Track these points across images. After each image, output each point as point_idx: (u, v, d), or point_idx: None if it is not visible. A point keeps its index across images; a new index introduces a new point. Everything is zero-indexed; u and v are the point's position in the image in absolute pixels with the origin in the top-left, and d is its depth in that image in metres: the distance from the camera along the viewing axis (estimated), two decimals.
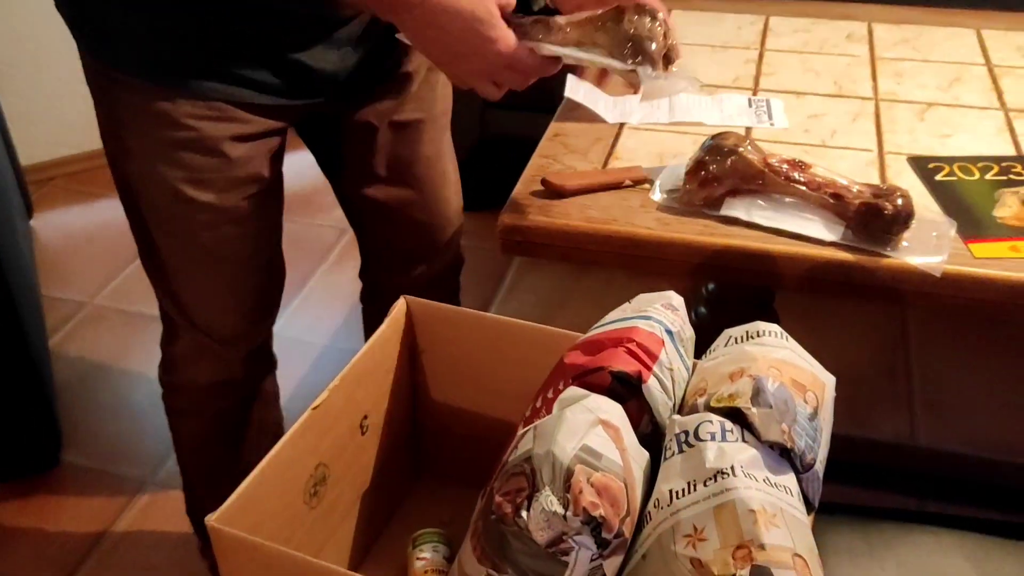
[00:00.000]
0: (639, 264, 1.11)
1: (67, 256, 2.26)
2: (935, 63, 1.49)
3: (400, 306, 0.99)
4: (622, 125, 1.32)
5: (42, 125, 2.37)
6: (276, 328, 2.06)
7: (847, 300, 1.17)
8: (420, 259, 1.35)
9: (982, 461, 1.68)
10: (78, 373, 1.93)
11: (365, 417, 0.96)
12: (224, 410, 1.32)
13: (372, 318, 1.39)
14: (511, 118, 2.21)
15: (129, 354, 1.97)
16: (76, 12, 1.05)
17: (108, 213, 2.30)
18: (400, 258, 1.35)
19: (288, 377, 1.90)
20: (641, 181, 1.16)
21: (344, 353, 1.94)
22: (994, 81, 1.43)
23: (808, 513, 0.71)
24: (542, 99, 2.12)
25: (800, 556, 0.62)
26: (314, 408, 0.86)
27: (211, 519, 0.74)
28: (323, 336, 2.00)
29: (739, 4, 1.74)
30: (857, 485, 1.49)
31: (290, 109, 1.11)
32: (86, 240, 2.29)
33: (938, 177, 1.18)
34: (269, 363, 1.39)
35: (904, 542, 1.06)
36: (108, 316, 2.06)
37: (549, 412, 0.77)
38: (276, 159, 1.15)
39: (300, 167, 1.32)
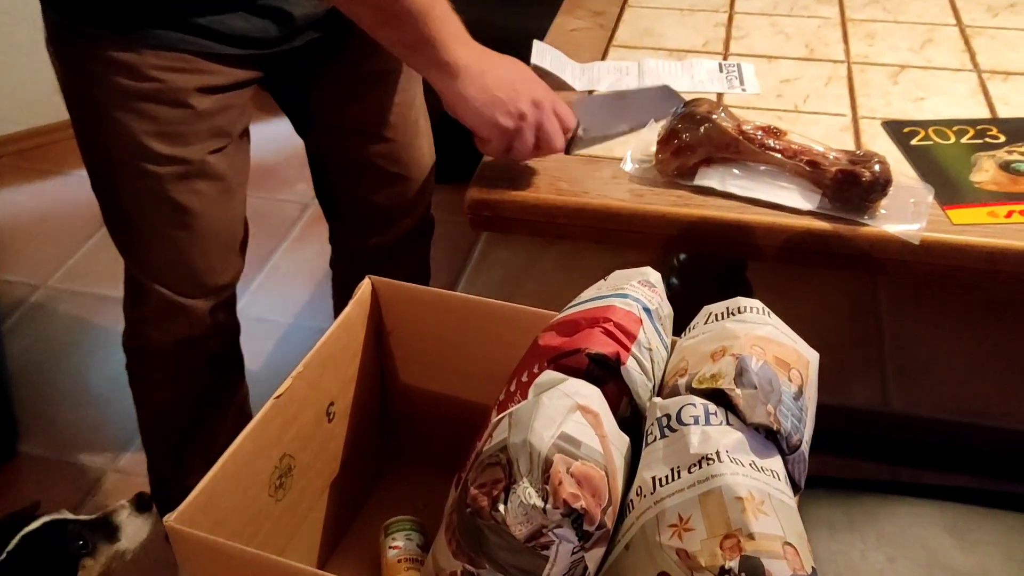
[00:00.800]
0: (612, 237, 1.08)
1: (18, 237, 2.18)
2: (906, 24, 1.46)
3: (365, 286, 0.95)
4: (590, 92, 1.28)
5: None
6: (240, 306, 2.00)
7: (821, 268, 1.14)
8: (392, 215, 1.33)
9: (955, 425, 1.68)
10: (34, 359, 1.86)
11: (331, 403, 0.92)
12: (191, 373, 1.29)
13: (344, 284, 1.38)
14: None
15: (86, 337, 1.90)
16: None
17: (60, 192, 2.22)
18: (372, 215, 1.33)
19: (254, 356, 1.85)
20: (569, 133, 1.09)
21: (311, 331, 1.90)
22: (966, 42, 1.40)
23: (794, 495, 0.69)
24: None
25: (790, 544, 0.60)
26: (277, 397, 0.82)
27: (169, 519, 0.70)
28: (288, 315, 1.95)
29: None
30: (831, 452, 1.48)
31: (259, 59, 1.08)
32: (37, 220, 2.21)
33: (913, 142, 1.15)
34: (233, 325, 1.35)
35: (884, 514, 1.05)
36: (63, 298, 1.99)
37: (524, 397, 0.74)
38: (245, 113, 1.13)
39: (260, 139, 1.27)
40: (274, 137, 1.32)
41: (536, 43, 1.34)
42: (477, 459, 0.68)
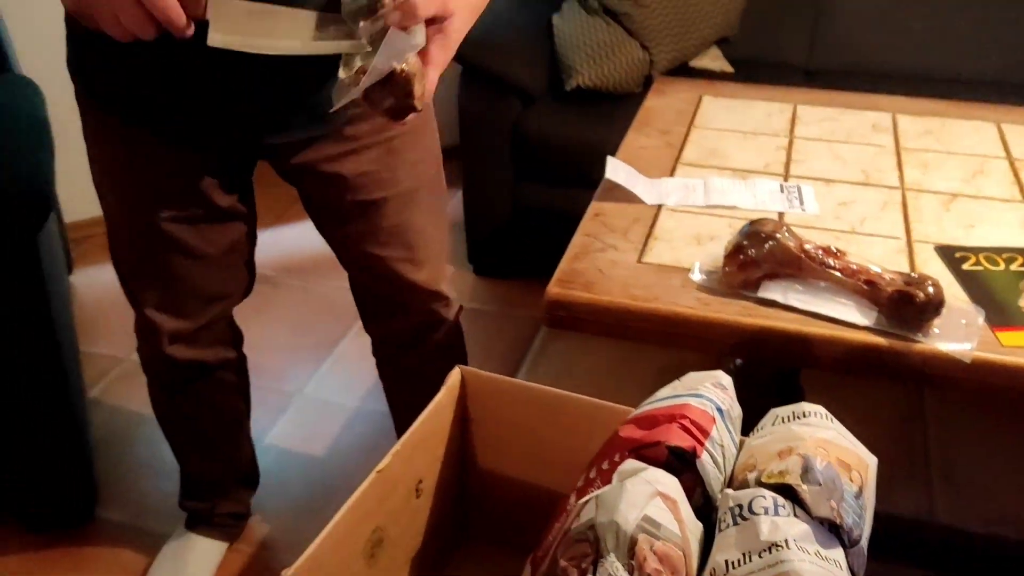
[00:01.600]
0: (678, 341, 1.16)
1: (103, 312, 2.31)
2: (958, 155, 1.55)
3: (455, 375, 1.04)
4: (660, 206, 1.38)
5: (83, 186, 2.44)
6: (307, 389, 2.10)
7: (875, 380, 1.21)
8: (377, 316, 1.42)
9: (998, 538, 1.70)
10: (113, 428, 1.97)
11: (420, 481, 1.00)
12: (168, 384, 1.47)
13: (380, 365, 1.54)
14: (542, 192, 2.29)
15: None
16: (69, 48, 1.15)
17: None
18: (366, 308, 1.42)
19: (321, 437, 1.95)
20: None
21: (375, 415, 1.99)
22: (1015, 174, 1.49)
23: None
24: (572, 175, 2.21)
25: None
26: (378, 471, 0.90)
27: (287, 574, 0.78)
28: (354, 398, 2.04)
29: (768, 92, 1.81)
30: (878, 559, 1.52)
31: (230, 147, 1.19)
32: (121, 297, 2.35)
33: (965, 266, 1.23)
34: (226, 347, 1.46)
35: None
36: (142, 372, 2.10)
37: (605, 483, 0.82)
38: (228, 190, 1.23)
39: None
40: None
41: (610, 159, 1.45)
42: (565, 536, 0.76)
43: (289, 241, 2.60)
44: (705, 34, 2.41)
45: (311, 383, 2.11)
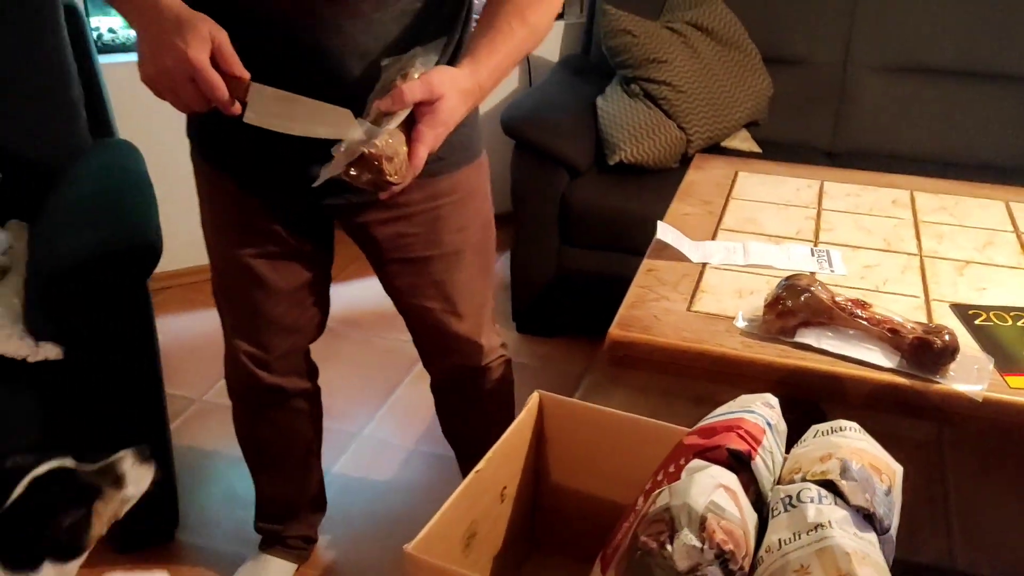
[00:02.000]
0: (724, 378, 1.33)
1: (180, 357, 2.49)
2: (970, 228, 1.73)
3: (534, 399, 1.21)
4: (705, 265, 1.56)
5: (164, 240, 2.65)
6: (366, 431, 2.26)
7: (893, 421, 1.36)
8: (429, 356, 1.61)
9: None
10: (189, 461, 2.13)
11: (504, 488, 1.16)
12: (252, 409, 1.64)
13: (436, 400, 1.75)
14: (585, 256, 2.47)
15: (235, 446, 2.17)
16: (188, 118, 1.38)
17: (215, 321, 2.55)
18: (421, 350, 1.61)
19: (379, 473, 2.11)
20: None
21: (429, 456, 2.14)
22: (1022, 245, 1.66)
23: None
24: (613, 241, 2.39)
25: None
26: (476, 472, 1.07)
27: (408, 547, 0.94)
28: (409, 440, 2.20)
29: (796, 170, 2.01)
30: None
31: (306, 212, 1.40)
32: (196, 343, 2.54)
33: (977, 322, 1.40)
34: (302, 377, 1.63)
35: None
36: (216, 412, 2.27)
37: (672, 483, 0.98)
38: (301, 235, 1.43)
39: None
40: None
41: (660, 223, 1.64)
42: (642, 519, 0.92)
43: (351, 296, 2.79)
44: (736, 118, 2.62)
45: (371, 425, 2.27)
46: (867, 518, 0.90)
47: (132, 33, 2.57)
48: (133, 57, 2.49)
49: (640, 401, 2.35)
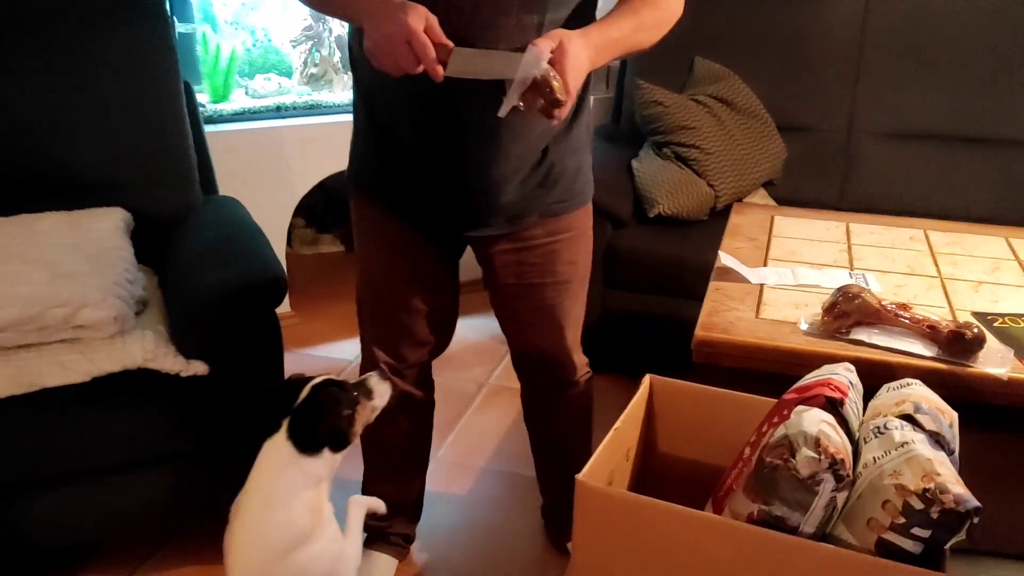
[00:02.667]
0: (793, 369, 1.60)
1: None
2: (979, 257, 2.04)
3: (647, 381, 1.48)
4: (762, 285, 1.85)
5: None
6: (441, 453, 2.50)
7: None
8: (528, 369, 1.87)
9: None
10: None
11: (629, 449, 1.42)
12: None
13: (524, 407, 1.99)
14: (627, 298, 2.76)
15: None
16: (351, 159, 1.68)
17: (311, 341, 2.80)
18: (520, 363, 1.87)
19: (457, 490, 2.34)
20: None
21: (498, 473, 2.39)
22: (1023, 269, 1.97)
23: None
24: (653, 285, 2.67)
25: (960, 481, 1.08)
26: (615, 429, 1.33)
27: (579, 476, 1.20)
28: (479, 460, 2.45)
29: (824, 214, 2.32)
30: None
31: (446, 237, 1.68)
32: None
33: (996, 324, 1.69)
34: (425, 389, 1.88)
35: None
36: None
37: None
38: (442, 263, 1.71)
39: None
40: (456, 334, 1.92)
41: (721, 252, 1.93)
42: (764, 447, 1.18)
43: None
44: (756, 177, 2.94)
45: (443, 449, 2.51)
46: (938, 441, 1.17)
47: (222, 107, 2.88)
48: (228, 126, 2.82)
49: None
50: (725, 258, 1.92)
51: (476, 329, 3.14)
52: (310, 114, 3.03)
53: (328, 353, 3.04)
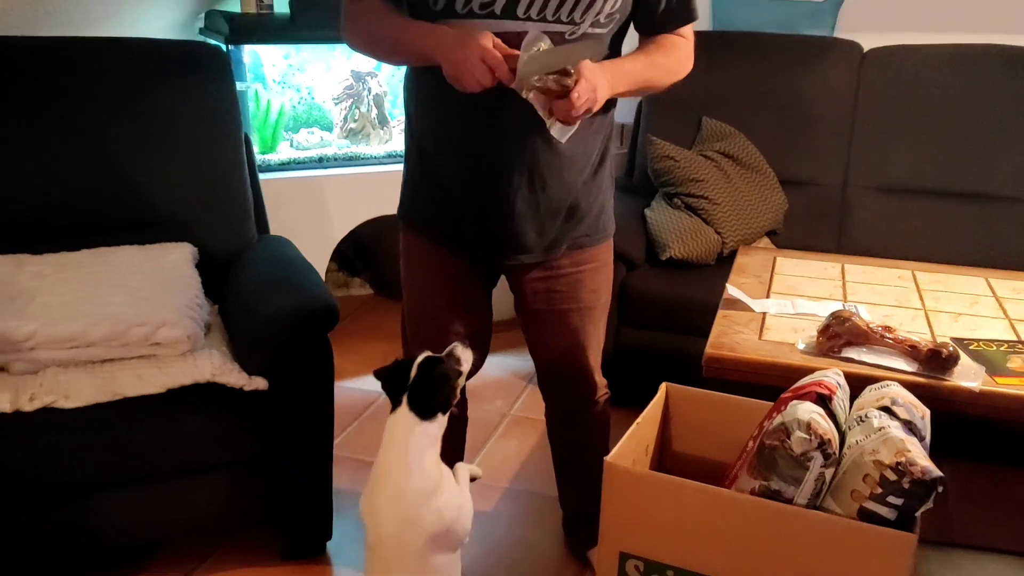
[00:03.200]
0: (791, 382, 1.81)
1: None
2: (960, 294, 2.27)
3: (663, 389, 1.70)
4: (764, 314, 2.08)
5: None
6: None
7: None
8: (553, 389, 2.07)
9: None
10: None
11: (648, 446, 1.64)
12: None
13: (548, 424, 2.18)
14: (639, 334, 2.98)
15: None
16: (403, 194, 1.93)
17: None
18: (544, 382, 2.07)
19: (483, 507, 2.54)
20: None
21: (520, 493, 2.58)
22: (1000, 304, 2.19)
23: None
24: (664, 323, 2.89)
25: (927, 458, 1.30)
26: (637, 424, 1.55)
27: (608, 459, 1.41)
28: (504, 481, 2.65)
29: (821, 256, 2.55)
30: None
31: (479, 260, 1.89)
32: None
33: (971, 347, 1.91)
34: (461, 405, 2.04)
35: None
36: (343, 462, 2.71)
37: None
38: (479, 289, 1.93)
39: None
40: (481, 370, 2.15)
41: (728, 285, 2.17)
42: (764, 431, 1.40)
43: None
44: (760, 226, 3.18)
45: None
46: (911, 429, 1.39)
47: (270, 157, 3.14)
48: (275, 175, 3.06)
49: None
50: (732, 290, 2.15)
51: (499, 366, 3.35)
52: (348, 165, 3.29)
53: (359, 386, 3.25)
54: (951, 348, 1.76)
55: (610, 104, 1.76)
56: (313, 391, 2.15)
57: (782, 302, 2.14)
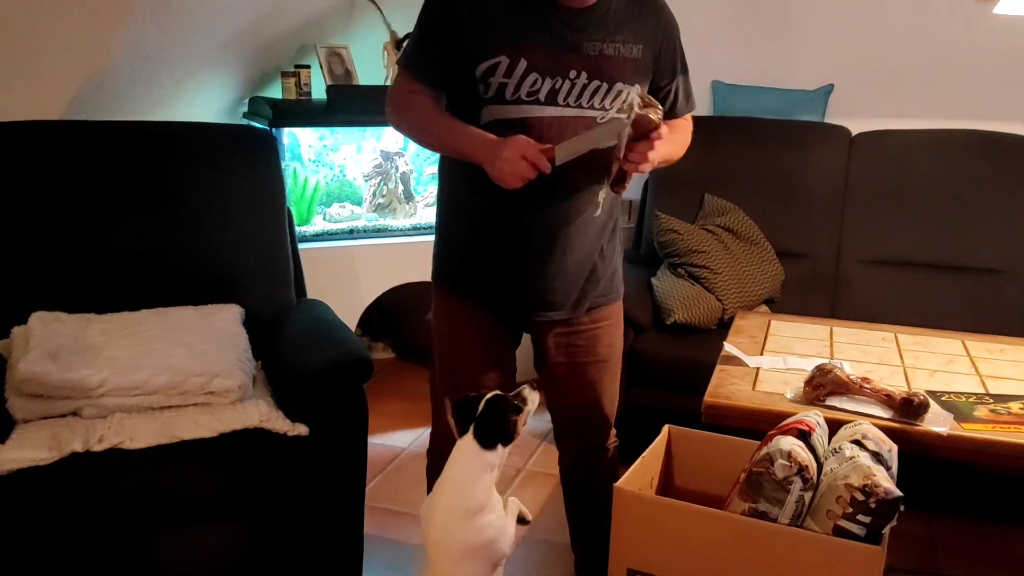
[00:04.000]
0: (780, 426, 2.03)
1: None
2: (937, 353, 2.49)
3: (665, 430, 1.92)
4: (758, 368, 2.30)
5: None
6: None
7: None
8: (569, 436, 2.27)
9: None
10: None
11: (652, 479, 1.85)
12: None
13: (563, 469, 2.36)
14: (647, 394, 3.19)
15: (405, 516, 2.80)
16: (436, 259, 2.16)
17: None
18: (560, 431, 2.28)
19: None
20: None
21: (536, 540, 2.77)
22: (973, 363, 2.42)
23: None
24: (670, 383, 3.11)
25: (891, 482, 1.51)
26: (642, 458, 1.77)
27: (617, 485, 1.63)
28: (520, 529, 2.84)
29: (814, 320, 2.78)
30: None
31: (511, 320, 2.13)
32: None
33: (943, 399, 2.13)
34: None
35: None
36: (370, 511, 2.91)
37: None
38: (508, 345, 2.15)
39: None
40: None
41: (726, 344, 2.40)
42: (753, 461, 1.61)
43: None
44: (758, 294, 3.42)
45: None
46: (879, 460, 1.60)
47: (305, 228, 3.42)
48: (310, 245, 3.33)
49: None
50: (729, 348, 2.38)
51: None
52: (376, 236, 3.57)
53: (384, 441, 3.47)
54: (922, 397, 1.98)
55: None
56: (349, 436, 2.37)
57: (774, 359, 2.37)
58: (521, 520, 1.97)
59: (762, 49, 3.81)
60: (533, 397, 1.85)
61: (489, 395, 1.81)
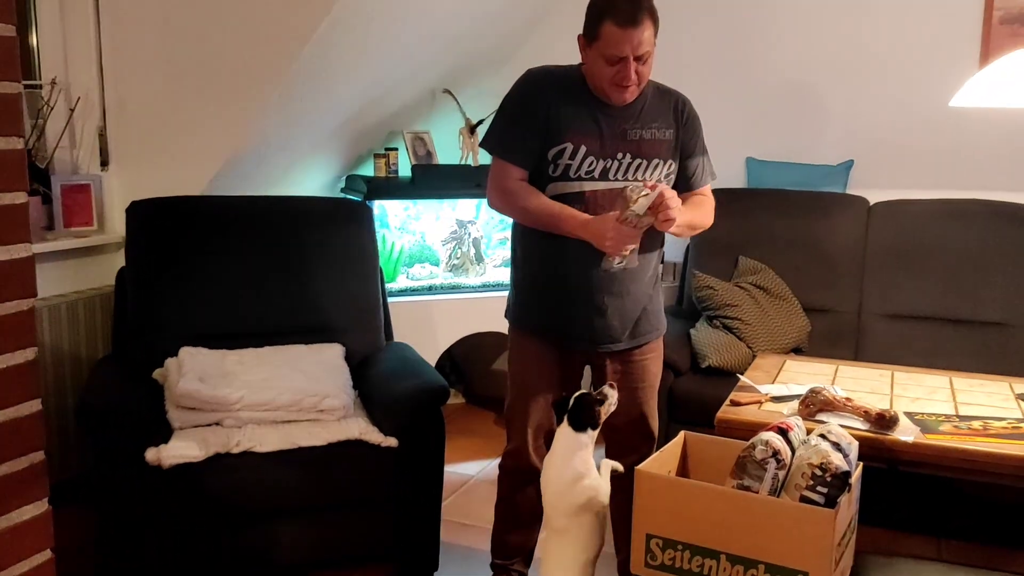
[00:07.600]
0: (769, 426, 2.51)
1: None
2: (924, 386, 2.94)
3: (681, 435, 2.42)
4: (768, 394, 2.78)
5: None
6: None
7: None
8: (622, 450, 2.68)
9: None
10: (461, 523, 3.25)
11: (670, 471, 2.34)
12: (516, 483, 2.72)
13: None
14: (685, 429, 3.66)
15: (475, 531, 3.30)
16: (511, 302, 2.68)
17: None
18: (612, 447, 2.71)
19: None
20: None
21: None
22: (952, 394, 2.86)
23: None
24: (706, 420, 3.57)
25: (844, 462, 1.99)
26: (663, 449, 2.26)
27: (639, 469, 2.13)
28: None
29: (822, 360, 3.25)
30: None
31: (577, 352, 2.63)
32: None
33: (916, 417, 2.58)
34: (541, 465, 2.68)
35: None
36: (445, 524, 3.41)
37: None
38: (573, 377, 2.64)
39: None
40: None
41: (741, 376, 2.89)
42: (743, 448, 2.10)
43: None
44: (785, 343, 3.89)
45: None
46: (839, 449, 2.08)
47: (391, 286, 4.02)
48: (395, 299, 3.95)
49: None
50: (743, 379, 2.87)
51: None
52: (451, 293, 4.16)
53: (456, 470, 3.98)
54: (893, 412, 2.45)
55: (661, 238, 2.55)
56: (430, 448, 2.91)
57: (781, 387, 2.85)
58: (614, 473, 2.46)
59: (790, 129, 4.33)
60: (612, 394, 2.36)
61: (577, 393, 2.36)
